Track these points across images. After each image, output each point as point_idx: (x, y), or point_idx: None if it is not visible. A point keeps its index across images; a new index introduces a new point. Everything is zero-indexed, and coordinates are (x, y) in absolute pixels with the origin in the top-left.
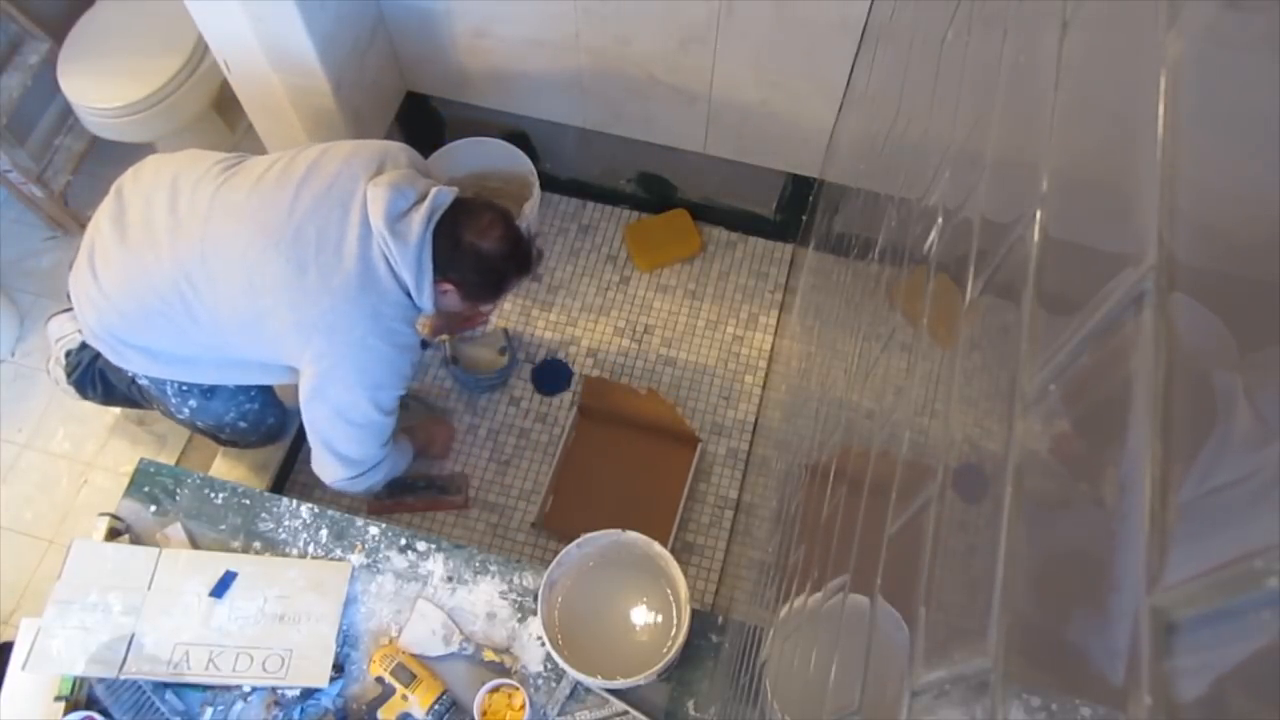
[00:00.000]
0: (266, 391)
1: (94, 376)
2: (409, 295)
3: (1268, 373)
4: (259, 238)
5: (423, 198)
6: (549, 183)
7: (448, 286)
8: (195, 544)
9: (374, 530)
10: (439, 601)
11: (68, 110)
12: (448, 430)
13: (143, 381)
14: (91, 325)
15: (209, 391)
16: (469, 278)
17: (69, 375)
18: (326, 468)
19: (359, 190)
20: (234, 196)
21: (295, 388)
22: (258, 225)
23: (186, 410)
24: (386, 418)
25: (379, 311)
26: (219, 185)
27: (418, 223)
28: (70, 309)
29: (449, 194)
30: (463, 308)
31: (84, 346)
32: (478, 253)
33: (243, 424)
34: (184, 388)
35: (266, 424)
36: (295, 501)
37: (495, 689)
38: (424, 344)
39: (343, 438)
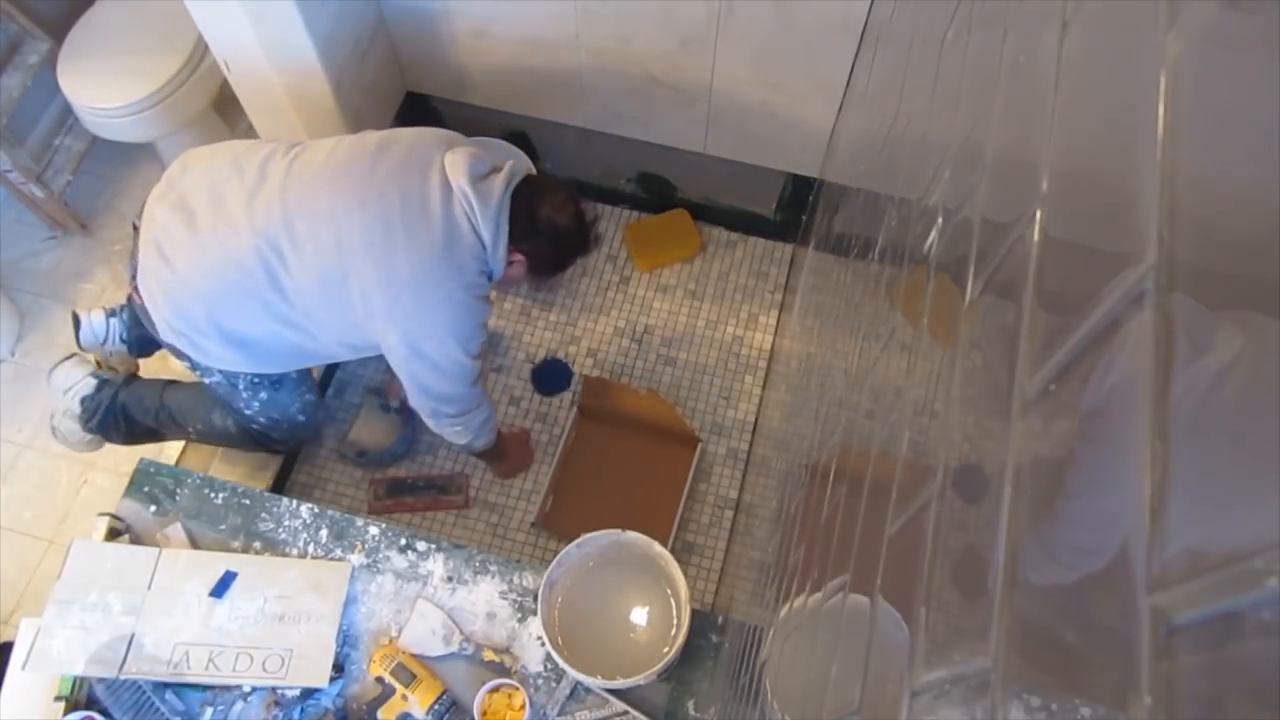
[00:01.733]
0: (315, 387)
1: (116, 415)
2: (484, 250)
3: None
4: (342, 200)
5: (497, 168)
6: None
7: (517, 257)
8: (195, 544)
9: (374, 530)
10: (439, 601)
11: (68, 110)
12: (527, 454)
13: (215, 379)
14: (167, 318)
15: (277, 383)
16: (541, 250)
17: (87, 422)
18: (432, 416)
19: (436, 158)
20: (308, 169)
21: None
22: (339, 189)
23: (257, 403)
24: (475, 361)
25: (464, 266)
26: (290, 159)
27: (498, 184)
28: (71, 356)
29: (525, 165)
30: (523, 280)
31: (100, 388)
32: (554, 227)
33: (301, 417)
34: (255, 380)
35: (317, 419)
36: (295, 501)
37: (495, 689)
38: None
39: (440, 381)
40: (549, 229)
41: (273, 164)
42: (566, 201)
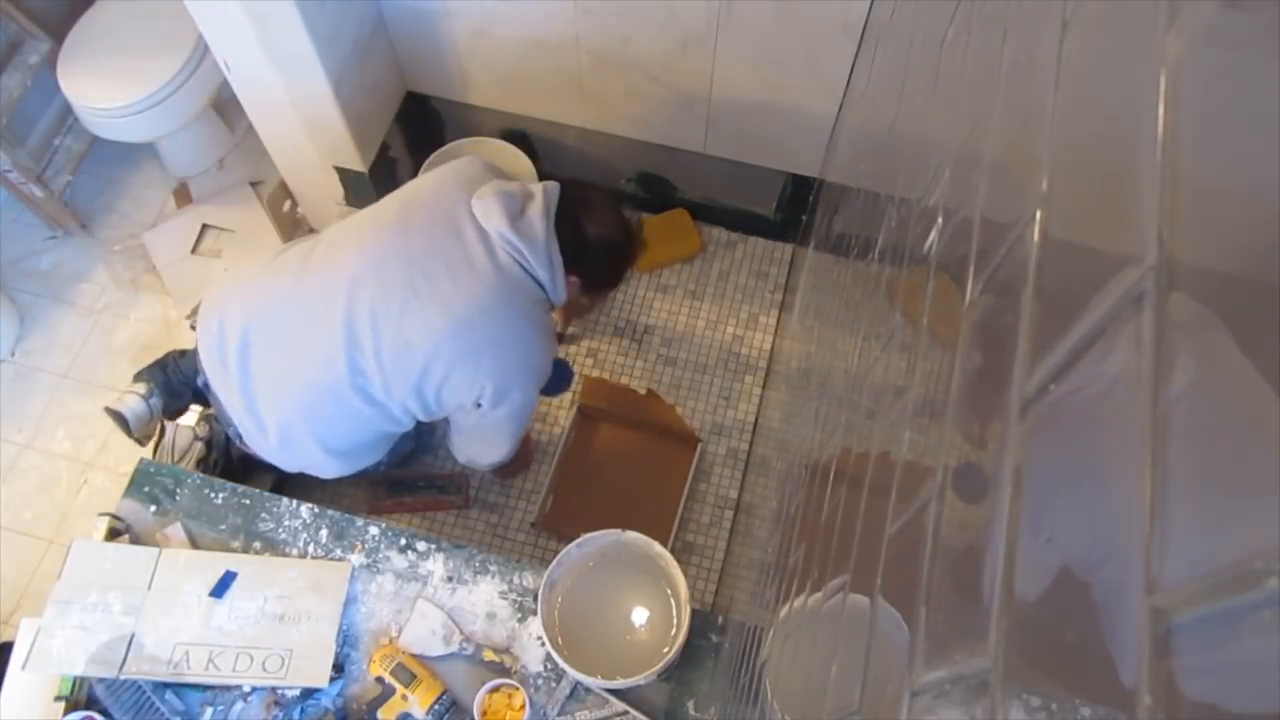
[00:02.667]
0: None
1: (235, 469)
2: (541, 288)
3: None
4: (396, 294)
5: (528, 197)
6: None
7: (572, 279)
8: (195, 544)
9: (374, 530)
10: (439, 601)
11: (68, 110)
12: (528, 455)
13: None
14: (293, 460)
15: (393, 448)
16: (595, 268)
17: (211, 472)
18: (486, 464)
19: (462, 210)
20: (341, 266)
21: None
22: (384, 284)
23: (381, 463)
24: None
25: (530, 312)
26: (325, 265)
27: (538, 220)
28: (175, 426)
29: (555, 188)
30: (580, 299)
31: (210, 449)
32: (606, 243)
33: (410, 445)
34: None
35: (422, 444)
36: (295, 501)
37: (495, 689)
38: (558, 337)
39: (515, 429)
40: (600, 246)
41: (310, 272)
42: (610, 213)
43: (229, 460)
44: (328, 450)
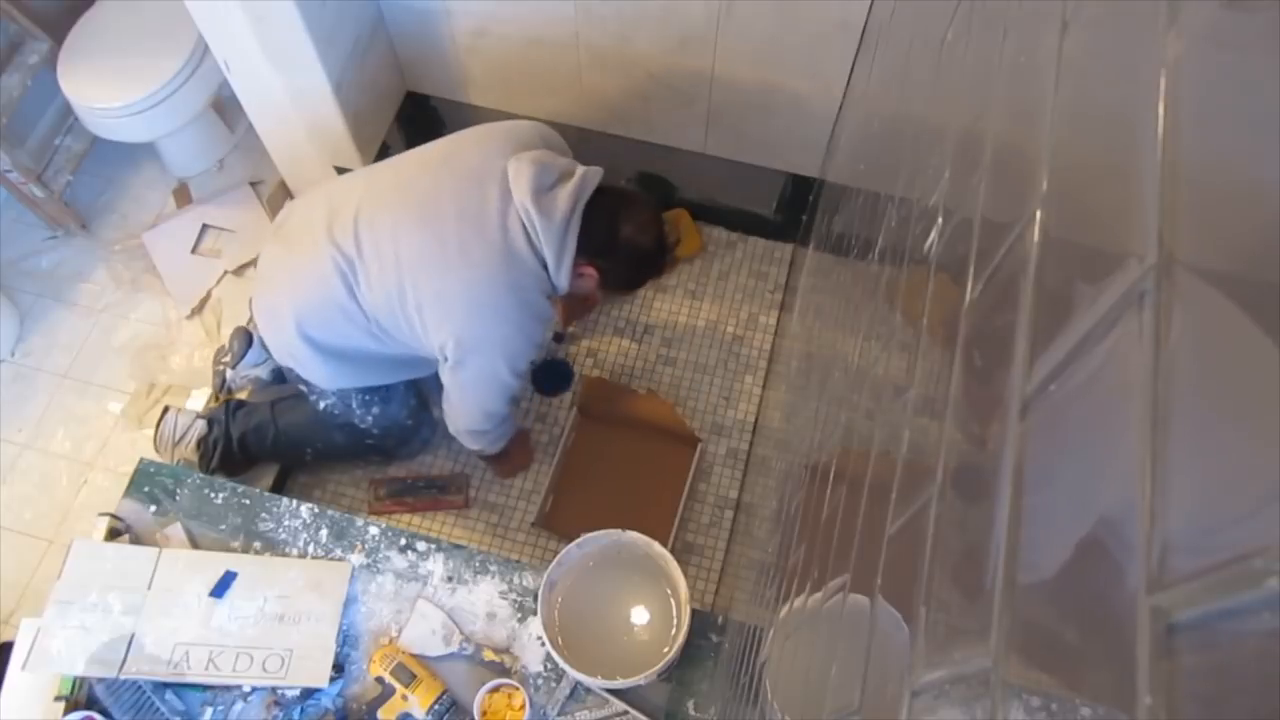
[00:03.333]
0: (418, 394)
1: (233, 449)
2: (545, 269)
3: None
4: (405, 216)
5: (568, 173)
6: None
7: (590, 270)
8: (195, 544)
9: (374, 530)
10: (439, 601)
11: (68, 110)
12: (527, 455)
13: (329, 401)
14: (270, 338)
15: (385, 397)
16: (618, 268)
17: (207, 465)
18: (463, 430)
19: (498, 166)
20: (380, 185)
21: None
22: (404, 204)
23: (371, 417)
24: (519, 380)
25: (520, 284)
26: (367, 180)
27: (564, 199)
28: (169, 409)
29: (597, 174)
30: (593, 294)
31: (212, 427)
32: (635, 246)
33: (409, 421)
34: (365, 397)
35: (420, 422)
36: (295, 501)
37: (495, 689)
38: (558, 336)
39: (481, 399)
40: (628, 247)
41: (353, 184)
42: (651, 222)
43: (229, 441)
44: (304, 338)
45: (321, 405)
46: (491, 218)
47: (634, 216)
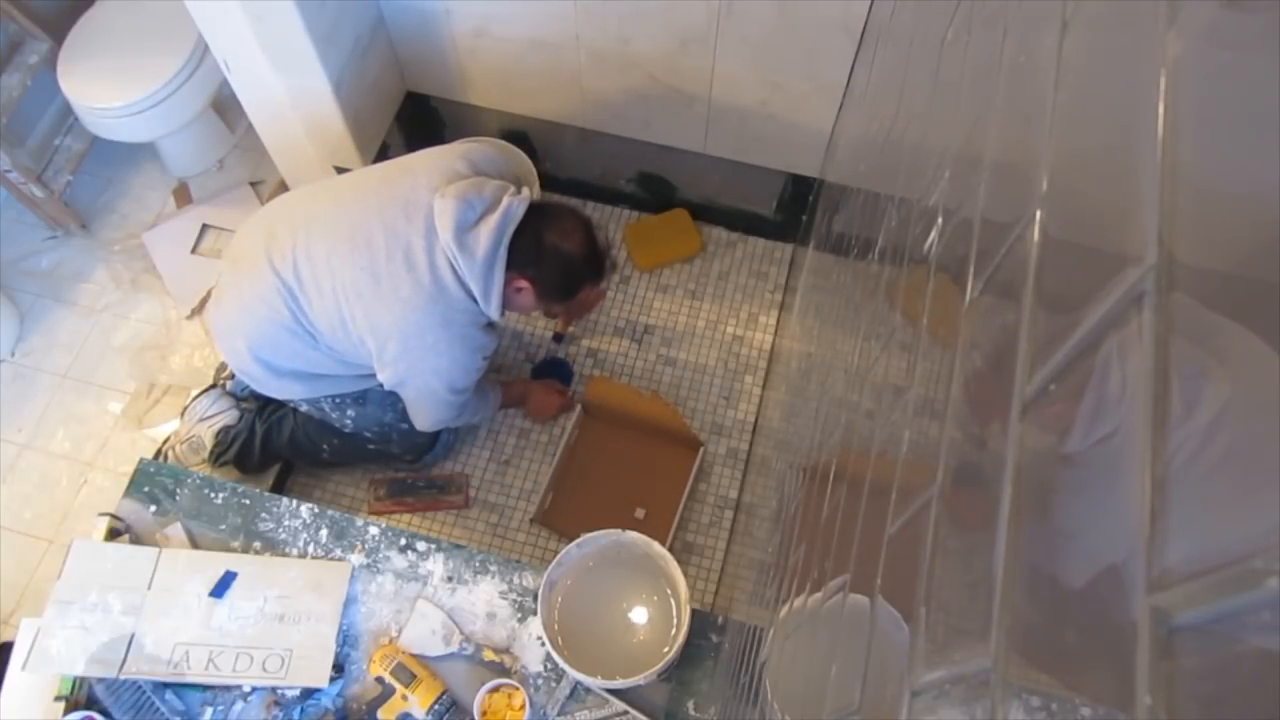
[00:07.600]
0: None
1: (254, 445)
2: (475, 302)
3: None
4: (337, 245)
5: (493, 206)
6: (549, 183)
7: (523, 284)
8: (195, 544)
9: (374, 530)
10: (439, 601)
11: (68, 110)
12: (557, 400)
13: (304, 408)
14: (236, 363)
15: (360, 399)
16: (546, 276)
17: (220, 454)
18: (429, 427)
19: (425, 201)
20: (315, 211)
21: None
22: (337, 233)
23: (349, 421)
24: (462, 395)
25: (449, 319)
26: (307, 203)
27: (485, 236)
28: (213, 386)
29: (521, 205)
30: (534, 307)
31: (242, 417)
32: (558, 253)
33: (404, 424)
34: (338, 400)
35: (443, 437)
36: (295, 501)
37: (495, 689)
38: (558, 337)
39: (428, 411)
40: (553, 255)
41: (295, 207)
42: (574, 228)
43: (251, 436)
44: (256, 359)
45: (301, 411)
46: (418, 255)
47: (556, 225)
